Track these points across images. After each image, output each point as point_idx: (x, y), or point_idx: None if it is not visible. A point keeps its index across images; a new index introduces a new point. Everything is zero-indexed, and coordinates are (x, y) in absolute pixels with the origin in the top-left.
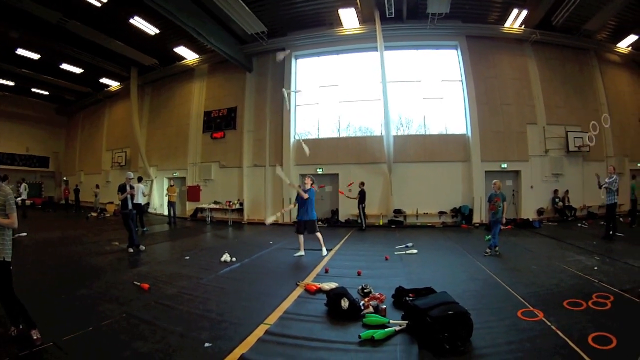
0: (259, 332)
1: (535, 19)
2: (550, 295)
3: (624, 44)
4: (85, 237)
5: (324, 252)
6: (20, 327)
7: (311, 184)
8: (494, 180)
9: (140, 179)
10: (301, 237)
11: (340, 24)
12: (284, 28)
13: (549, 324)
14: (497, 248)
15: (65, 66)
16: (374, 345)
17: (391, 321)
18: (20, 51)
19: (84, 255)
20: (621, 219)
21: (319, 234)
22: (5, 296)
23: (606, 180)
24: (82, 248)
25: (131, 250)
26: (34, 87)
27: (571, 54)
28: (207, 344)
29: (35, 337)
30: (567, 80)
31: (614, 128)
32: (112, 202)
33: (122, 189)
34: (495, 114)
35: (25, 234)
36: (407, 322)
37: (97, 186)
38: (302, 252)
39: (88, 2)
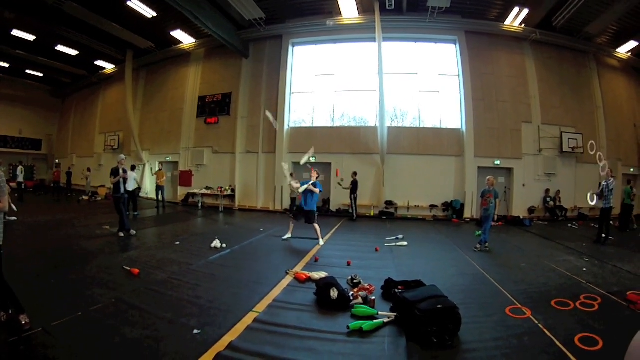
0: (248, 319)
1: (536, 19)
2: (538, 294)
3: (624, 50)
4: (76, 221)
5: (321, 241)
6: (10, 312)
7: (317, 177)
8: (488, 177)
9: (133, 168)
10: (293, 222)
11: (339, 13)
12: (282, 15)
13: (536, 322)
14: (487, 244)
15: (60, 48)
16: (362, 336)
17: (380, 313)
18: (16, 32)
19: (74, 239)
20: (611, 222)
21: (316, 225)
22: None
23: (602, 183)
24: (73, 232)
25: (122, 234)
26: (29, 69)
27: (570, 55)
28: (196, 331)
29: (23, 322)
30: (564, 82)
31: (609, 132)
32: (103, 186)
33: (114, 172)
34: (491, 111)
35: (14, 218)
36: (395, 314)
37: (89, 169)
38: (289, 235)
39: None
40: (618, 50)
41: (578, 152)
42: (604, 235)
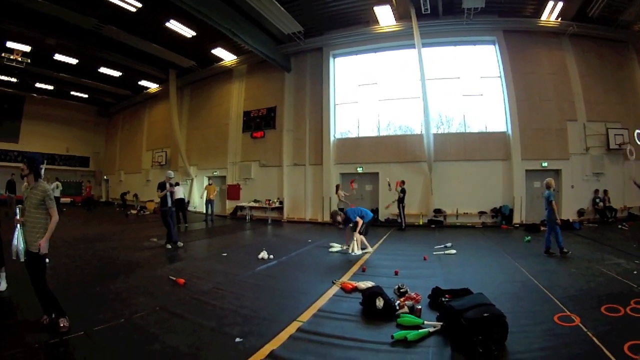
0: (291, 329)
1: (571, 11)
2: (588, 300)
3: None
4: (124, 234)
5: (356, 252)
6: (53, 316)
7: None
8: (548, 179)
9: (177, 184)
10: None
11: (376, 21)
12: (320, 27)
13: (585, 330)
14: (564, 248)
15: (103, 70)
16: (406, 346)
17: (426, 322)
18: (58, 56)
19: (121, 250)
20: None
21: (357, 235)
22: (39, 286)
23: None
24: (121, 244)
25: (169, 246)
26: (74, 91)
27: (609, 48)
28: (238, 339)
29: (61, 325)
30: (606, 75)
31: None
32: (152, 200)
33: (161, 186)
34: (535, 111)
35: None
36: (442, 323)
37: (135, 195)
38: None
39: (123, 7)
40: None
41: (625, 148)
42: None
